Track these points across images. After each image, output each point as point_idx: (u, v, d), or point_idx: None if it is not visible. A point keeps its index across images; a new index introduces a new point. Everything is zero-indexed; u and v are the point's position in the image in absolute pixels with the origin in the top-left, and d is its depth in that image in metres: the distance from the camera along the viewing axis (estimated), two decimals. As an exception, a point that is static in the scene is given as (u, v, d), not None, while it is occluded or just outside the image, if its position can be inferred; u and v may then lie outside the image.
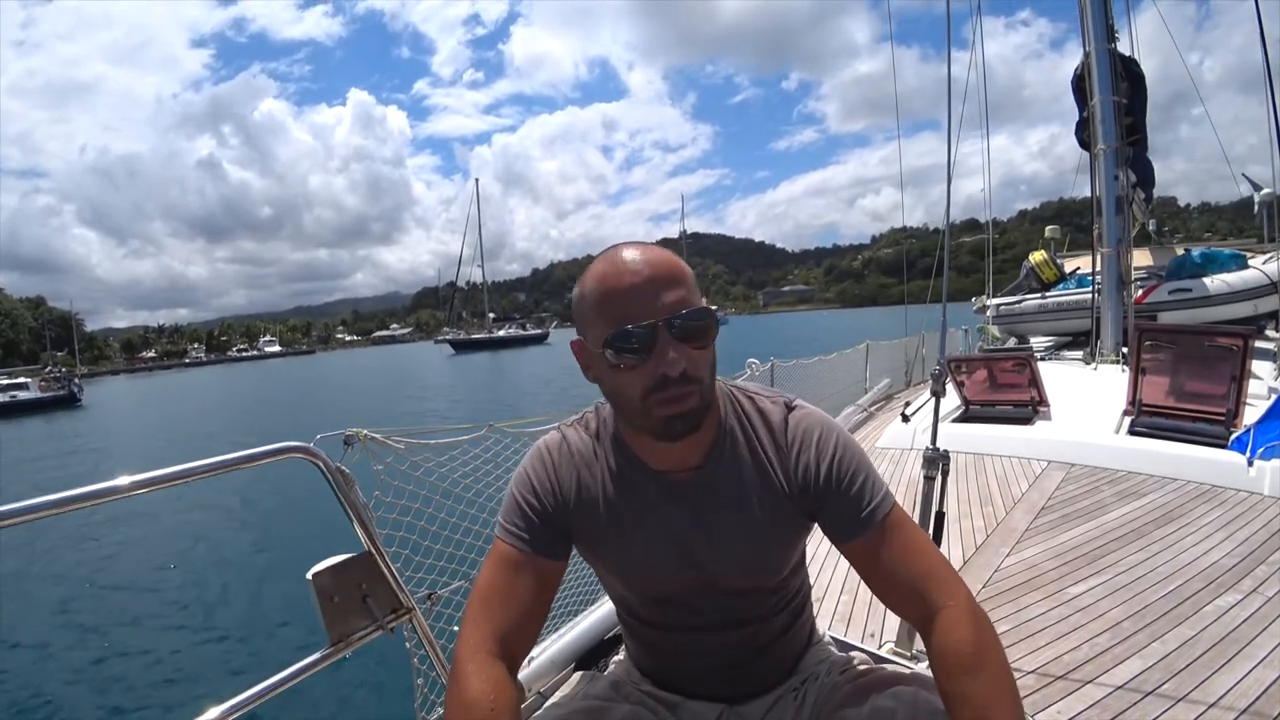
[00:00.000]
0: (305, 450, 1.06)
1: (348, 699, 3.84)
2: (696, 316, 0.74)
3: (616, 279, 0.74)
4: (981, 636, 0.72)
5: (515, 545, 0.83)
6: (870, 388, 7.36)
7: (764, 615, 0.91)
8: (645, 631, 0.95)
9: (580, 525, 0.87)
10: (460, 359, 57.86)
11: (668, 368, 0.72)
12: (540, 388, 25.98)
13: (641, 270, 0.74)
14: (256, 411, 26.60)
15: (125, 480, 0.83)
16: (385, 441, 1.51)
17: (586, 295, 0.77)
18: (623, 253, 0.76)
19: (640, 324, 0.72)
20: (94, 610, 5.78)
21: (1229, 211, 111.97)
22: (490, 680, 0.72)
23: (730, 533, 0.84)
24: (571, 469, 0.88)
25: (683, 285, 0.75)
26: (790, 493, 0.84)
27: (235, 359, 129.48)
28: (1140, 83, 6.70)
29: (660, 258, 0.75)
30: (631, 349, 0.73)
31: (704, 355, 0.76)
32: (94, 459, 16.04)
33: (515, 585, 0.81)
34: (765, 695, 0.93)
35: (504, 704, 0.71)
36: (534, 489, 0.86)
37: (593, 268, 0.78)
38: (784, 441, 0.85)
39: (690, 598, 0.87)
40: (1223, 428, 3.67)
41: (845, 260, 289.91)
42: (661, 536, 0.85)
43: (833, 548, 0.85)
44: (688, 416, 0.75)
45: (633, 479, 0.86)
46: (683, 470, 0.85)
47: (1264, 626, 1.91)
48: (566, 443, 0.90)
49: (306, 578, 1.08)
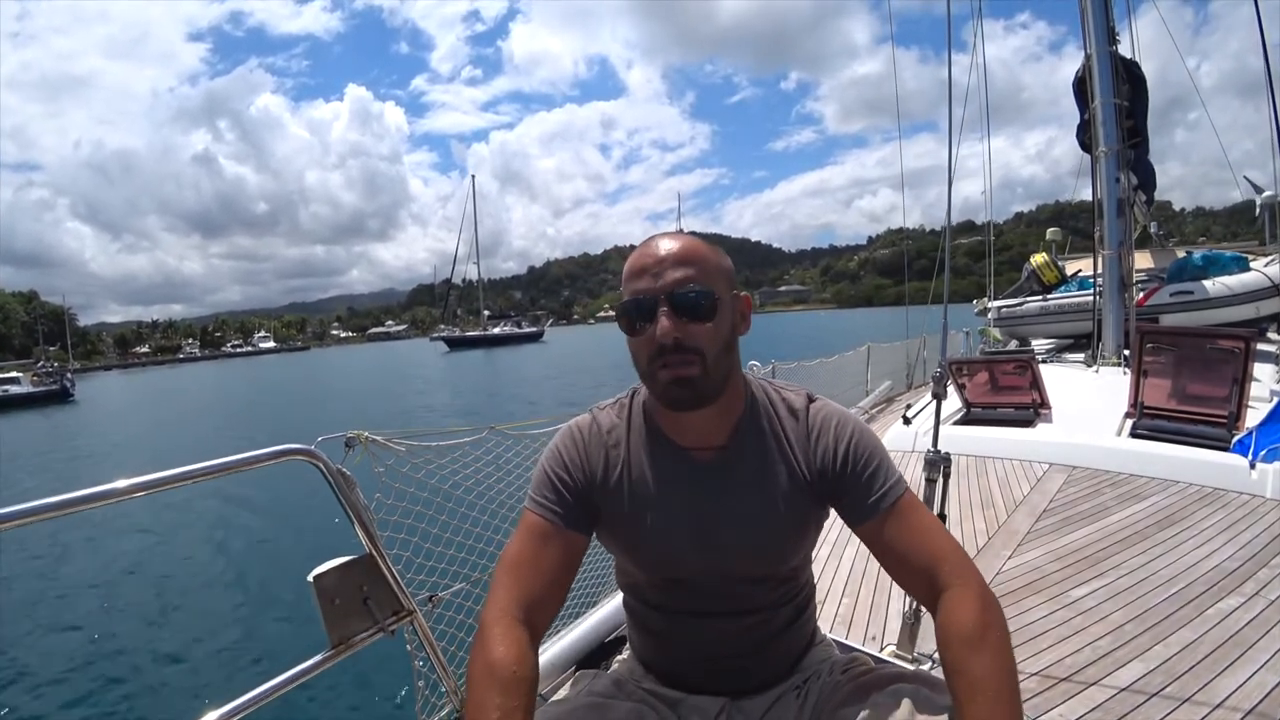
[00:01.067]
0: (306, 452, 1.07)
1: (349, 701, 3.83)
2: (694, 292, 0.80)
3: (639, 259, 0.84)
4: (987, 614, 0.74)
5: (545, 516, 0.87)
6: (871, 390, 7.36)
7: (771, 605, 0.93)
8: (652, 617, 0.96)
9: (605, 501, 0.90)
10: (455, 356, 57.73)
11: (661, 335, 0.79)
12: (531, 388, 25.97)
13: (658, 252, 0.83)
14: (250, 407, 26.56)
15: (126, 482, 0.83)
16: (386, 444, 1.51)
17: (622, 277, 0.86)
18: (654, 239, 0.85)
19: (645, 295, 0.81)
20: (94, 612, 5.78)
21: (1223, 216, 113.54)
22: (515, 644, 0.75)
23: (749, 513, 0.87)
24: (600, 447, 0.92)
25: (691, 266, 0.81)
26: (809, 477, 0.88)
27: (230, 355, 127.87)
28: (1141, 85, 6.70)
29: (680, 244, 0.84)
30: (635, 316, 0.82)
31: (704, 330, 0.81)
32: (89, 455, 15.98)
33: (543, 555, 0.85)
34: (767, 692, 0.94)
35: (525, 668, 0.73)
36: (564, 464, 0.91)
37: (633, 252, 0.87)
38: (805, 428, 0.90)
39: (702, 580, 0.90)
40: (1224, 430, 3.67)
41: (842, 261, 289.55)
42: (682, 514, 0.88)
43: (834, 550, 0.86)
44: (686, 384, 0.81)
45: (658, 455, 0.90)
46: (707, 448, 0.89)
47: (1266, 629, 1.90)
48: (597, 423, 0.95)
49: (308, 580, 1.08)
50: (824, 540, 0.85)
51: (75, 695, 4.34)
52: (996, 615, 0.75)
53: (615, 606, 1.74)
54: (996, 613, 0.75)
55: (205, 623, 5.39)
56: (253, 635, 5.07)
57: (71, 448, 17.64)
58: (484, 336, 72.84)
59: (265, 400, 30.01)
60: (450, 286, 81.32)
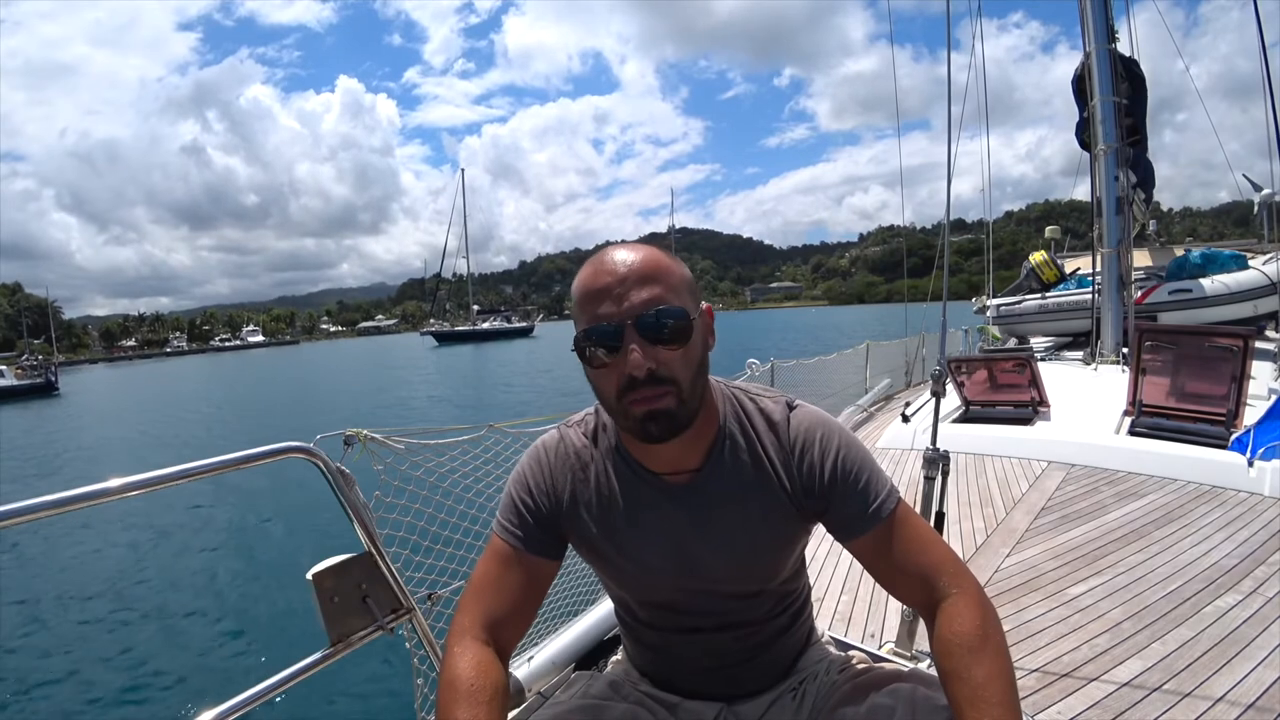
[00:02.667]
0: (305, 450, 1.06)
1: (348, 699, 3.83)
2: (666, 315, 0.72)
3: (594, 278, 0.74)
4: (987, 621, 0.74)
5: (509, 542, 0.85)
6: (870, 388, 7.36)
7: (763, 617, 0.91)
8: (644, 632, 0.95)
9: (574, 527, 0.87)
10: (443, 351, 57.37)
11: (632, 368, 0.71)
12: (520, 381, 25.75)
13: (616, 269, 0.73)
14: (238, 403, 26.14)
15: (125, 480, 0.83)
16: (385, 441, 1.51)
17: (574, 294, 0.77)
18: (607, 252, 0.75)
19: (608, 322, 0.72)
20: (93, 610, 5.77)
21: (1209, 216, 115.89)
22: (473, 661, 0.75)
23: (729, 535, 0.83)
24: (567, 470, 0.88)
25: (658, 284, 0.73)
26: (793, 494, 0.84)
27: (218, 349, 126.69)
28: (1141, 83, 6.70)
29: (640, 257, 0.74)
30: (600, 347, 0.73)
31: (678, 356, 0.73)
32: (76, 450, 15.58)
33: (506, 579, 0.83)
34: (764, 695, 0.93)
35: (485, 682, 0.73)
36: (529, 489, 0.87)
37: (583, 267, 0.77)
38: (787, 442, 0.84)
39: (689, 601, 0.87)
40: (1223, 428, 3.68)
41: (833, 258, 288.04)
42: (659, 539, 0.84)
43: (833, 548, 0.86)
44: (661, 418, 0.73)
45: (629, 481, 0.85)
46: (681, 472, 0.84)
47: (1264, 627, 1.91)
48: (564, 444, 0.90)
49: (307, 578, 1.07)
50: (822, 539, 0.84)
51: (74, 694, 4.33)
52: (995, 622, 0.74)
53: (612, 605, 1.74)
54: (995, 619, 0.75)
55: (204, 620, 5.39)
56: (252, 633, 5.07)
57: (56, 444, 17.06)
58: (472, 331, 72.37)
59: (252, 396, 29.56)
60: (440, 281, 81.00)
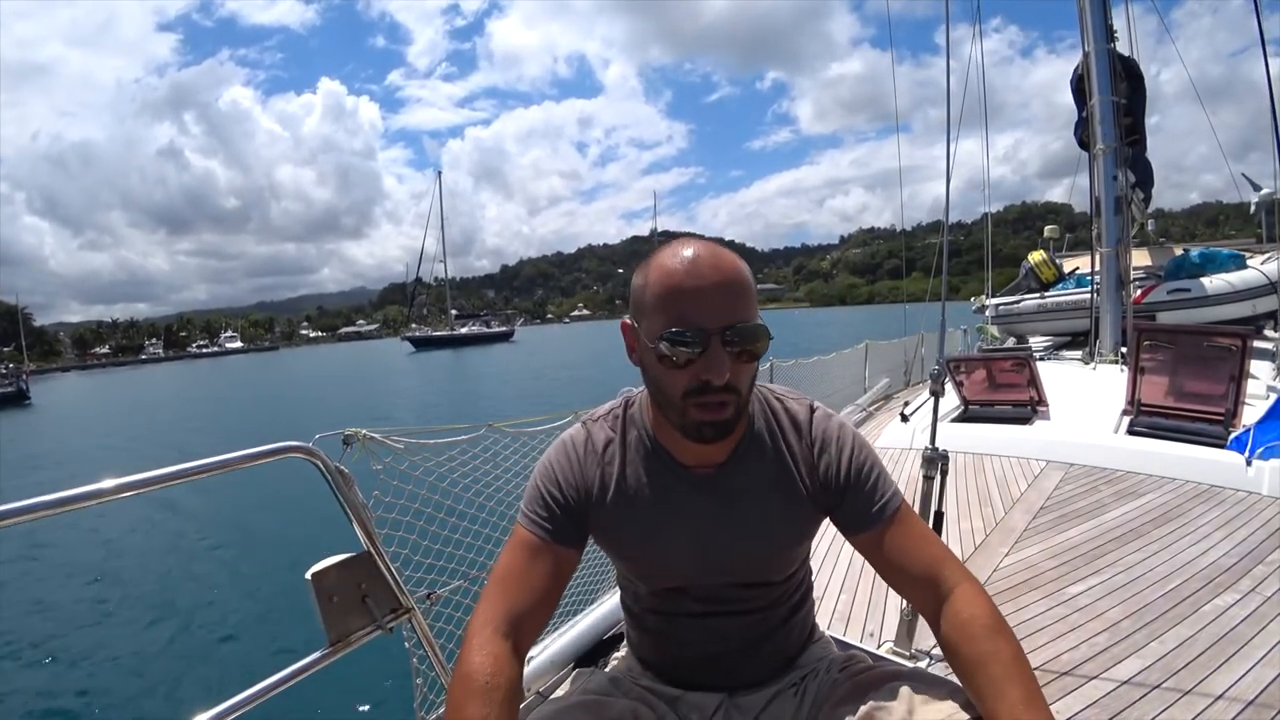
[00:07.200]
0: (305, 450, 1.06)
1: (347, 699, 3.83)
2: (752, 332, 0.75)
3: (684, 276, 0.75)
4: (997, 607, 0.77)
5: (535, 532, 0.86)
6: (869, 387, 7.36)
7: (769, 605, 0.93)
8: (650, 618, 0.96)
9: (599, 517, 0.89)
10: (421, 357, 56.29)
11: (713, 375, 0.74)
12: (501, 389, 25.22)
13: (709, 274, 0.74)
14: (214, 410, 25.61)
15: (123, 480, 0.82)
16: (384, 441, 1.51)
17: (650, 285, 0.77)
18: (696, 250, 0.76)
19: (698, 328, 0.73)
20: (91, 610, 5.76)
21: (1180, 217, 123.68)
22: (492, 655, 0.75)
23: (749, 526, 0.87)
24: (595, 463, 0.90)
25: (746, 296, 0.76)
26: (810, 489, 0.88)
27: (195, 355, 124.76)
28: (1139, 83, 6.71)
29: (730, 264, 0.76)
30: (684, 347, 0.74)
31: (749, 369, 0.78)
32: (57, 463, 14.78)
33: (531, 570, 0.84)
34: (764, 688, 0.94)
35: (502, 678, 0.73)
36: (557, 480, 0.89)
37: (661, 258, 0.77)
38: (808, 441, 0.89)
39: (702, 589, 0.90)
40: (1221, 428, 3.68)
41: (814, 260, 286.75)
42: (681, 529, 0.88)
43: (832, 548, 0.87)
44: (720, 425, 0.78)
45: (657, 471, 0.89)
46: (708, 465, 0.88)
47: (1262, 625, 1.91)
48: (591, 437, 0.92)
49: (306, 578, 1.07)
50: (823, 537, 0.85)
51: (73, 693, 4.33)
52: (999, 611, 0.78)
53: (613, 605, 1.74)
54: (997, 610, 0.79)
55: (203, 620, 5.38)
56: (250, 633, 5.06)
57: (33, 455, 16.06)
58: (451, 337, 71.34)
59: (227, 404, 28.73)
60: (419, 285, 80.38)
